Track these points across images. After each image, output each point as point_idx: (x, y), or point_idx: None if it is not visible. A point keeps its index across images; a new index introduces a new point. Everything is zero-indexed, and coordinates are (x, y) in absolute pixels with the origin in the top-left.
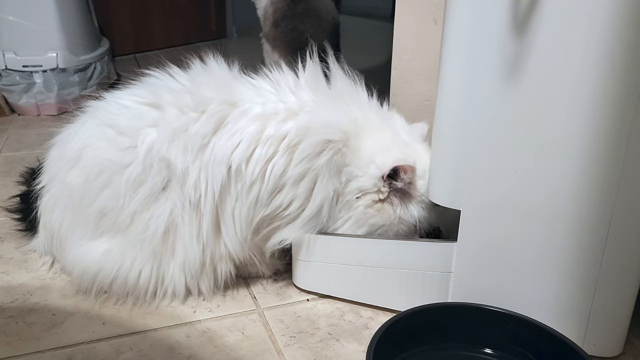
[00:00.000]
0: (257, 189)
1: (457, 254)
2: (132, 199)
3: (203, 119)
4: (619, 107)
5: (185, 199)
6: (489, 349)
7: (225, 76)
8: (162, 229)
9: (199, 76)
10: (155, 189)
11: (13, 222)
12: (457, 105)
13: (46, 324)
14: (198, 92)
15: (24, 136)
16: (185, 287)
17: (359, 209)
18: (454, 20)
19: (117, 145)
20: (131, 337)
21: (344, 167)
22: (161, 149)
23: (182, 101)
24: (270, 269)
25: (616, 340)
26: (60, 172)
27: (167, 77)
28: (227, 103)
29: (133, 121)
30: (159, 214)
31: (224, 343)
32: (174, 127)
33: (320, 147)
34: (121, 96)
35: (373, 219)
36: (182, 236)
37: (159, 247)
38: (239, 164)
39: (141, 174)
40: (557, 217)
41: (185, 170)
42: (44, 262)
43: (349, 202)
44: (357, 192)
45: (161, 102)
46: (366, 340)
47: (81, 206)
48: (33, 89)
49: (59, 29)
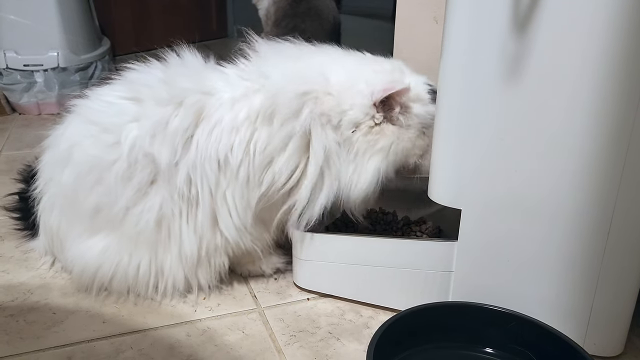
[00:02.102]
0: (244, 170)
1: (457, 253)
2: (123, 194)
3: (182, 112)
4: (620, 105)
5: (174, 192)
6: (490, 348)
7: (200, 67)
8: (153, 221)
9: (174, 67)
10: (143, 183)
11: (13, 220)
12: (457, 104)
13: (46, 323)
14: (174, 83)
15: (24, 135)
16: (184, 279)
17: (359, 141)
18: (455, 19)
19: (102, 142)
20: (131, 336)
21: (331, 111)
22: (144, 144)
23: (159, 94)
24: (271, 267)
25: (617, 339)
26: (55, 174)
27: (144, 71)
28: (202, 92)
29: (115, 117)
30: (150, 207)
31: (224, 342)
32: (154, 121)
33: (297, 103)
34: (103, 93)
35: (379, 144)
36: (175, 228)
37: (153, 239)
38: (225, 155)
39: (128, 170)
40: (558, 216)
41: (171, 165)
42: (44, 261)
43: (348, 141)
44: (351, 127)
45: (140, 97)
46: (366, 340)
47: (76, 204)
48: (34, 88)
49: (59, 28)
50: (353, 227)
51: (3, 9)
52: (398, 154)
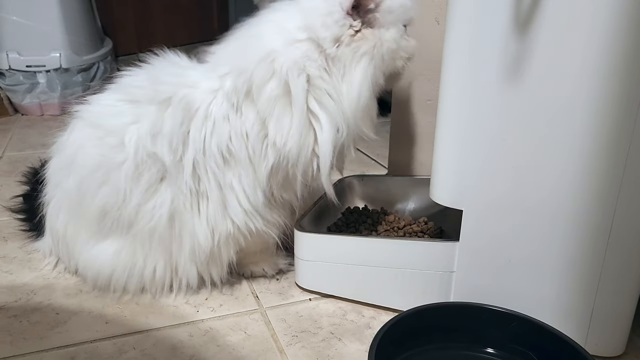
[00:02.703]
0: (244, 151)
1: (459, 254)
2: (133, 194)
3: (171, 109)
4: (621, 105)
5: (183, 187)
6: (491, 348)
7: (183, 64)
8: (165, 216)
9: (158, 67)
10: (152, 181)
11: (17, 222)
12: (459, 105)
13: (49, 323)
14: (159, 80)
15: (27, 136)
16: (197, 275)
17: (344, 53)
18: (456, 20)
19: (106, 144)
20: (134, 336)
21: (308, 47)
22: (146, 145)
23: (149, 93)
24: (273, 268)
25: (618, 339)
26: (61, 179)
27: (134, 73)
28: (187, 86)
29: (117, 120)
30: (162, 202)
31: (226, 342)
32: (151, 121)
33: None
34: (102, 97)
35: (362, 48)
36: (188, 221)
37: (166, 237)
38: (227, 146)
39: (136, 170)
40: (559, 216)
41: (176, 162)
42: (47, 262)
43: (336, 59)
44: (334, 44)
45: (135, 98)
46: (368, 340)
47: (81, 208)
48: (36, 89)
49: (62, 29)
50: (354, 228)
51: (5, 9)
52: (384, 55)
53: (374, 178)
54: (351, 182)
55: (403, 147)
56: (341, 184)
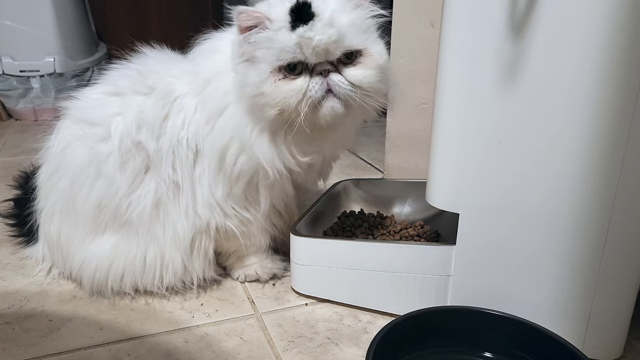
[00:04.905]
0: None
1: (455, 258)
2: (122, 183)
3: (154, 95)
4: (617, 108)
5: (166, 176)
6: (489, 352)
7: (168, 56)
8: (150, 205)
9: (145, 59)
10: (137, 170)
11: (8, 227)
12: (454, 108)
13: (43, 330)
14: (145, 70)
15: (21, 141)
16: (182, 263)
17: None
18: (451, 23)
19: (94, 136)
20: (129, 343)
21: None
22: (131, 133)
23: (135, 84)
24: (267, 273)
25: (616, 342)
26: (53, 184)
27: (121, 67)
28: (171, 75)
29: (102, 111)
30: (146, 192)
31: (222, 348)
32: (136, 111)
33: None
34: (89, 91)
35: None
36: (170, 212)
37: (152, 223)
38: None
39: (121, 160)
40: (556, 220)
41: (158, 152)
42: (41, 268)
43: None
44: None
45: (120, 90)
46: (365, 345)
47: (76, 206)
48: (30, 93)
49: (56, 33)
50: (351, 232)
51: None
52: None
53: (370, 182)
54: (347, 186)
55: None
56: (337, 187)
